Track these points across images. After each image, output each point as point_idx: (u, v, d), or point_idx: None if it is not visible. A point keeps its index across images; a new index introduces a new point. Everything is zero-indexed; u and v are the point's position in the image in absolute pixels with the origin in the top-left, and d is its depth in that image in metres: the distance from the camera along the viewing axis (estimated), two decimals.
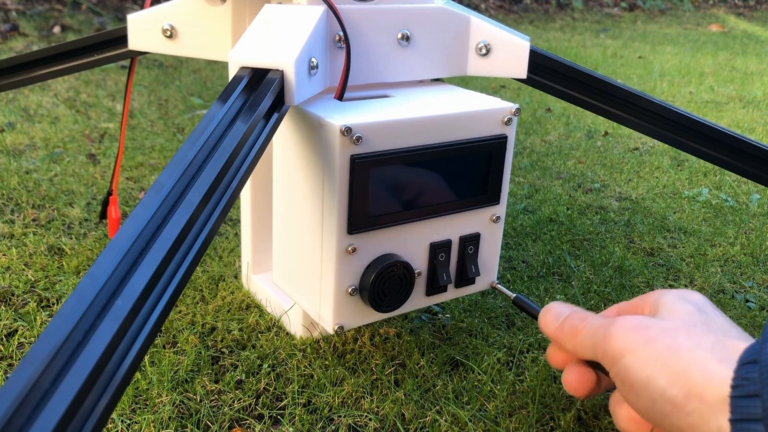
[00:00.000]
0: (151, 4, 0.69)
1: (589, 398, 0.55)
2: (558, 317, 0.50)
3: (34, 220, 0.89)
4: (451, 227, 0.59)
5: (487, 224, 0.61)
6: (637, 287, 0.80)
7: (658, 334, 0.40)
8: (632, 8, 4.56)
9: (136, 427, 0.54)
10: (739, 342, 0.38)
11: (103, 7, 2.66)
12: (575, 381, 0.49)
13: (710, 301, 0.46)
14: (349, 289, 0.55)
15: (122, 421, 0.54)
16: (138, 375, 0.59)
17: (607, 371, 0.45)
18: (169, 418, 0.55)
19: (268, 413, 0.57)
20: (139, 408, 0.56)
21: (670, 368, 0.38)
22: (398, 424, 0.56)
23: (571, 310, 0.50)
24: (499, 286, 0.62)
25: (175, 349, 0.64)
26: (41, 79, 0.79)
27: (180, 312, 0.70)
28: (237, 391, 0.59)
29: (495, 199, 0.60)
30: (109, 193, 0.82)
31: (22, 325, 0.66)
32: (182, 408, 0.56)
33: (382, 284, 0.55)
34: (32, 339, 0.64)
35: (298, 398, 0.58)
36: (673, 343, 0.39)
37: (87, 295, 0.30)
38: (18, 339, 0.64)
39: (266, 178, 0.69)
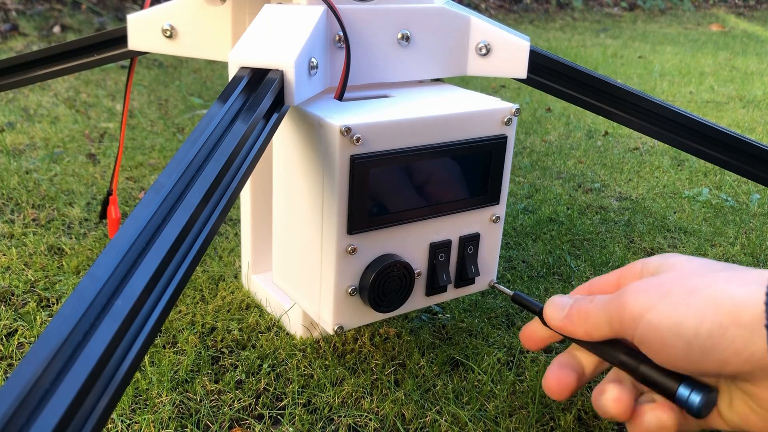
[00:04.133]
0: (151, 4, 0.69)
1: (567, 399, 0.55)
2: (563, 307, 0.49)
3: (34, 220, 0.89)
4: (451, 227, 0.59)
5: (486, 224, 0.61)
6: None
7: (671, 285, 0.40)
8: (632, 8, 4.56)
9: (136, 427, 0.54)
10: (752, 270, 0.38)
11: (103, 7, 2.66)
12: (555, 383, 0.48)
13: None
14: (349, 289, 0.55)
15: (122, 421, 0.54)
16: (138, 375, 0.59)
17: (620, 351, 0.44)
18: (169, 418, 0.55)
19: (268, 413, 0.57)
20: (139, 408, 0.56)
21: (695, 307, 0.38)
22: (398, 424, 0.56)
23: (575, 298, 0.49)
24: (497, 285, 0.62)
25: (175, 349, 0.64)
26: (41, 79, 0.79)
27: (180, 312, 0.70)
28: (237, 391, 0.59)
29: (495, 199, 0.60)
30: (109, 193, 0.82)
31: (22, 325, 0.66)
32: (182, 408, 0.56)
33: (381, 284, 0.55)
34: (32, 339, 0.64)
35: (298, 398, 0.58)
36: (689, 285, 0.39)
37: (87, 295, 0.30)
38: (18, 339, 0.64)
39: (266, 178, 0.69)
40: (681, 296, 0.39)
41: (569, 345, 0.51)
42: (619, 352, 0.45)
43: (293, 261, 0.59)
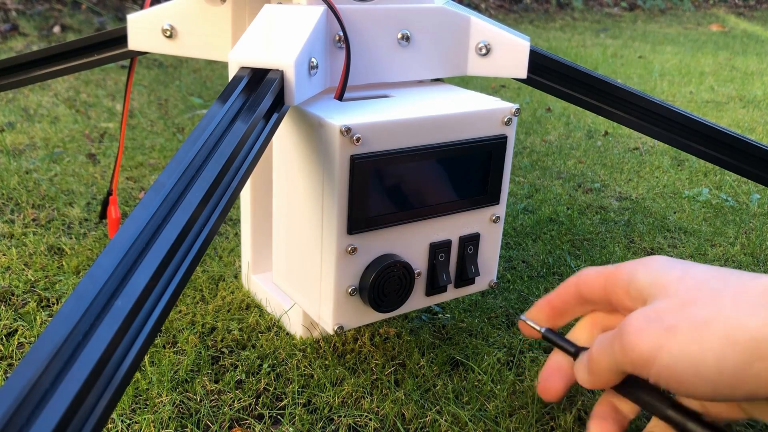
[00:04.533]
0: (151, 4, 0.69)
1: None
2: (582, 367, 0.45)
3: (34, 220, 0.89)
4: (451, 227, 0.59)
5: (486, 224, 0.61)
6: None
7: (674, 320, 0.37)
8: (632, 8, 4.56)
9: (136, 427, 0.54)
10: (751, 284, 0.37)
11: (103, 7, 2.66)
12: (544, 388, 0.47)
13: (671, 257, 0.44)
14: (349, 289, 0.55)
15: (122, 421, 0.54)
16: (138, 375, 0.59)
17: (645, 393, 0.42)
18: (169, 418, 0.55)
19: (268, 413, 0.57)
20: (139, 408, 0.56)
21: (711, 345, 0.36)
22: (398, 424, 0.56)
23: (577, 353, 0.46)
24: (526, 320, 0.51)
25: (175, 349, 0.64)
26: (41, 79, 0.79)
27: (180, 312, 0.70)
28: (237, 391, 0.59)
29: (495, 199, 0.60)
30: (109, 193, 0.82)
31: (22, 325, 0.66)
32: (182, 408, 0.56)
33: (381, 284, 0.55)
34: (32, 339, 0.64)
35: (298, 398, 0.58)
36: (694, 317, 0.37)
37: (87, 295, 0.30)
38: (18, 339, 0.64)
39: (266, 178, 0.69)
40: (690, 332, 0.37)
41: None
42: (645, 394, 0.42)
43: (293, 261, 0.59)
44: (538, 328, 0.50)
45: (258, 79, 0.48)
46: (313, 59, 0.52)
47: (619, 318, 0.44)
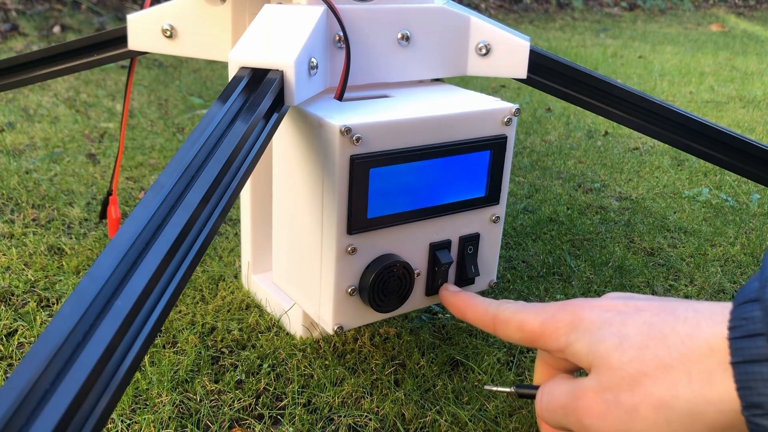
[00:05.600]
0: (151, 4, 0.69)
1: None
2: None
3: (34, 219, 0.89)
4: (451, 227, 0.59)
5: (486, 224, 0.61)
6: (638, 287, 0.80)
7: (632, 399, 0.36)
8: (632, 8, 4.56)
9: (136, 427, 0.54)
10: (689, 335, 0.35)
11: (103, 7, 2.66)
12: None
13: (621, 294, 0.42)
14: (349, 290, 0.55)
15: (122, 421, 0.54)
16: (138, 375, 0.59)
17: None
18: (169, 418, 0.55)
19: (268, 413, 0.57)
20: (139, 408, 0.56)
21: (677, 425, 0.34)
22: (398, 424, 0.56)
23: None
24: (491, 387, 0.51)
25: (175, 349, 0.64)
26: (41, 79, 0.79)
27: (180, 312, 0.70)
28: (237, 391, 0.59)
29: (495, 199, 0.60)
30: (109, 193, 0.82)
31: (22, 325, 0.66)
32: (182, 408, 0.56)
33: (381, 284, 0.55)
34: (32, 339, 0.64)
35: (298, 398, 0.58)
36: (653, 397, 0.35)
37: (87, 295, 0.30)
38: (18, 339, 0.64)
39: (266, 178, 0.69)
40: (653, 414, 0.35)
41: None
42: None
43: (293, 261, 0.59)
44: (506, 389, 0.49)
45: (258, 79, 0.48)
46: (313, 59, 0.52)
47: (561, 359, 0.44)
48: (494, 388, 0.50)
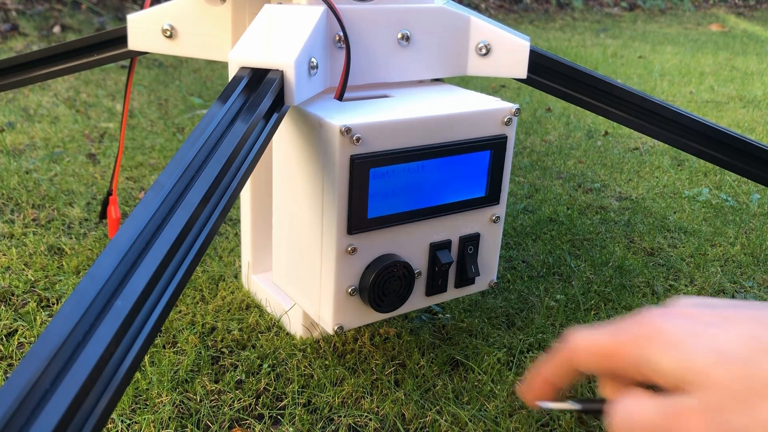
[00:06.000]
0: (151, 4, 0.69)
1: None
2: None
3: (34, 220, 0.89)
4: (451, 227, 0.59)
5: (486, 224, 0.61)
6: (638, 287, 0.80)
7: (741, 422, 0.32)
8: (632, 8, 4.56)
9: (136, 427, 0.54)
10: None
11: (103, 7, 2.66)
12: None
13: (703, 299, 0.38)
14: (349, 290, 0.55)
15: (122, 421, 0.54)
16: (138, 375, 0.59)
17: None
18: (169, 418, 0.55)
19: (268, 413, 0.57)
20: (139, 408, 0.56)
21: None
22: (398, 424, 0.56)
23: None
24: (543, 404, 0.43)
25: (175, 349, 0.64)
26: (41, 79, 0.79)
27: (180, 312, 0.70)
28: (237, 391, 0.59)
29: (495, 199, 0.60)
30: (109, 193, 0.82)
31: (22, 325, 0.66)
32: (182, 408, 0.56)
33: (381, 284, 0.55)
34: (32, 339, 0.64)
35: (298, 398, 0.58)
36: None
37: (87, 295, 0.30)
38: (18, 339, 0.64)
39: (266, 178, 0.69)
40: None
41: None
42: None
43: (293, 261, 0.59)
44: (566, 406, 0.41)
45: (258, 79, 0.48)
46: (313, 59, 0.52)
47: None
48: (550, 405, 0.42)
